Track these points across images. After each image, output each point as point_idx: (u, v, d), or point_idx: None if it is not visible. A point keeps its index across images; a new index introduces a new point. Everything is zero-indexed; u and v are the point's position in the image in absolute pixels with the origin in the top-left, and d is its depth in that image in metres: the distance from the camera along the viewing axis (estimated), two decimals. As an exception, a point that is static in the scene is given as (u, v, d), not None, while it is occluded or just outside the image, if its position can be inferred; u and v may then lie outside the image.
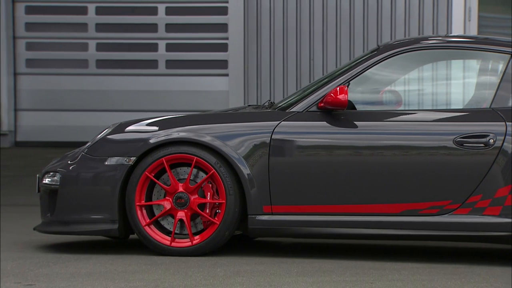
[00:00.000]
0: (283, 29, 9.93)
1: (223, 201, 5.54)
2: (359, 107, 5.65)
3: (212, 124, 5.62)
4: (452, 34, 8.81)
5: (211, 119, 5.68)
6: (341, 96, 5.45)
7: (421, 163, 5.43)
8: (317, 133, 5.53)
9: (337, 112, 5.57)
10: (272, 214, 5.53)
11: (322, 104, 5.55)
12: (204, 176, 5.58)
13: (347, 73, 5.64)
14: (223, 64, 10.38)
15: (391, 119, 5.54)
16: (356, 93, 5.66)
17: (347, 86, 5.57)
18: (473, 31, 9.01)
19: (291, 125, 5.57)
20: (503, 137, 5.37)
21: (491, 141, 5.38)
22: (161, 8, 10.50)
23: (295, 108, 5.63)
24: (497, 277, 5.09)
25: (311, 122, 5.56)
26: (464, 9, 8.96)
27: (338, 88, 5.48)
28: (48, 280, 4.94)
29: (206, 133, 5.58)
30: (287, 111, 5.64)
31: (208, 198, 5.58)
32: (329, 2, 9.80)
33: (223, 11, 10.35)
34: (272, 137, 5.55)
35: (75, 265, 5.32)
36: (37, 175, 5.87)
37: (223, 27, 10.34)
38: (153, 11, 10.52)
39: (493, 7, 8.95)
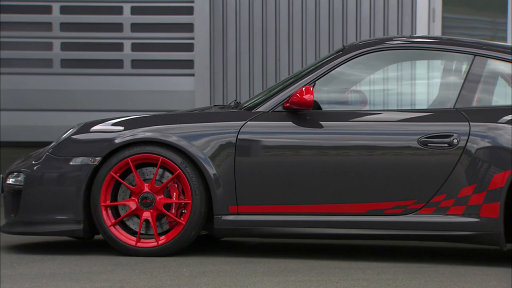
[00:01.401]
0: (249, 29, 9.94)
1: (189, 201, 5.53)
2: (324, 107, 5.67)
3: (178, 124, 5.62)
4: (416, 35, 8.87)
5: (177, 119, 5.67)
6: (306, 96, 5.46)
7: (386, 163, 5.46)
8: (283, 133, 5.55)
9: (303, 112, 5.58)
10: (238, 214, 5.54)
11: (288, 104, 5.56)
12: (170, 176, 5.57)
13: (312, 73, 5.66)
14: (189, 64, 10.36)
15: (356, 119, 5.56)
16: (322, 93, 5.68)
17: (313, 86, 5.59)
18: (437, 31, 9.07)
19: (257, 125, 5.58)
20: (466, 137, 5.41)
21: (455, 141, 5.42)
22: (126, 7, 10.46)
23: (261, 108, 5.64)
24: (461, 276, 5.13)
25: (277, 122, 5.57)
26: (429, 10, 9.02)
27: (303, 88, 5.49)
28: (12, 281, 4.90)
29: (172, 133, 5.57)
30: (253, 111, 5.65)
31: (174, 198, 5.57)
32: (295, 2, 9.82)
33: (189, 11, 10.33)
34: (238, 137, 5.55)
35: (39, 266, 5.28)
36: (1, 176, 5.82)
37: (188, 27, 10.32)
38: (118, 11, 10.48)
39: (457, 8, 9.02)
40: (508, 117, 5.40)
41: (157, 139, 5.55)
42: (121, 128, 5.64)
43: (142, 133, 5.58)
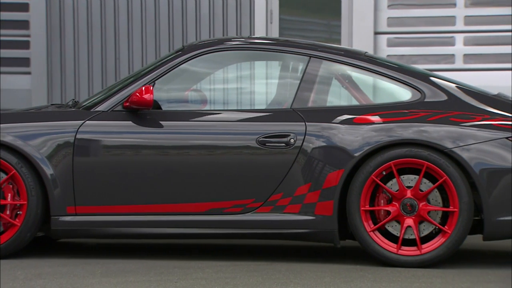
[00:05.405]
0: (88, 28, 9.81)
1: (25, 202, 5.41)
2: (165, 107, 5.68)
3: (14, 123, 5.48)
4: (255, 36, 9.00)
5: (12, 119, 5.53)
6: (146, 96, 5.45)
7: (226, 163, 5.52)
8: (122, 132, 5.51)
9: (143, 112, 5.57)
10: (76, 215, 5.46)
11: (127, 104, 5.54)
12: (4, 177, 5.43)
13: (152, 72, 5.66)
14: (25, 62, 10.13)
15: (196, 119, 5.60)
16: (162, 93, 5.69)
17: (153, 86, 5.59)
18: (275, 33, 9.23)
19: (95, 124, 5.52)
20: (303, 137, 5.54)
21: (292, 140, 5.54)
22: (-41, 2, 10.10)
23: (100, 108, 5.58)
24: (297, 273, 5.25)
25: (116, 121, 5.54)
26: (266, 12, 9.18)
27: (143, 88, 5.48)
28: None
29: (7, 132, 5.43)
30: (91, 110, 5.59)
31: (9, 200, 5.44)
32: (134, 1, 9.78)
33: (24, 7, 10.09)
34: (76, 136, 5.48)
35: None
36: None
37: (24, 24, 10.08)
38: (-50, 6, 10.11)
39: (293, 10, 9.22)
40: (342, 117, 5.56)
41: (-9, 139, 5.40)
42: (-48, 127, 5.45)
43: (-25, 132, 5.41)
